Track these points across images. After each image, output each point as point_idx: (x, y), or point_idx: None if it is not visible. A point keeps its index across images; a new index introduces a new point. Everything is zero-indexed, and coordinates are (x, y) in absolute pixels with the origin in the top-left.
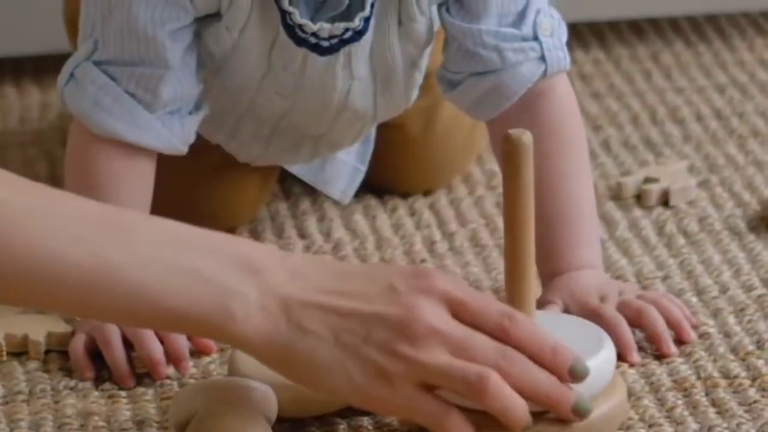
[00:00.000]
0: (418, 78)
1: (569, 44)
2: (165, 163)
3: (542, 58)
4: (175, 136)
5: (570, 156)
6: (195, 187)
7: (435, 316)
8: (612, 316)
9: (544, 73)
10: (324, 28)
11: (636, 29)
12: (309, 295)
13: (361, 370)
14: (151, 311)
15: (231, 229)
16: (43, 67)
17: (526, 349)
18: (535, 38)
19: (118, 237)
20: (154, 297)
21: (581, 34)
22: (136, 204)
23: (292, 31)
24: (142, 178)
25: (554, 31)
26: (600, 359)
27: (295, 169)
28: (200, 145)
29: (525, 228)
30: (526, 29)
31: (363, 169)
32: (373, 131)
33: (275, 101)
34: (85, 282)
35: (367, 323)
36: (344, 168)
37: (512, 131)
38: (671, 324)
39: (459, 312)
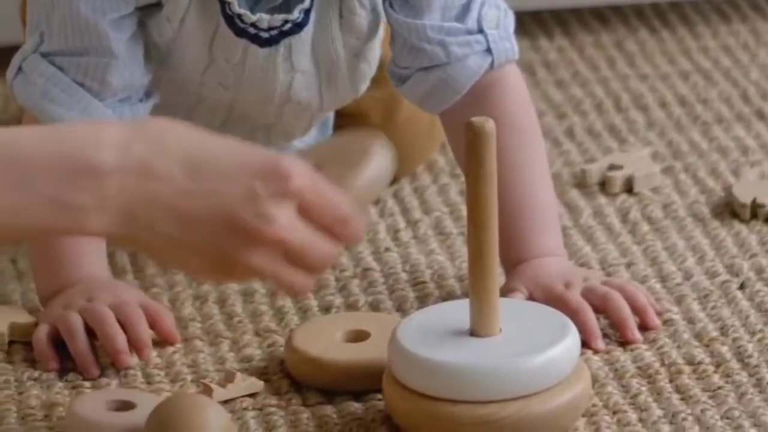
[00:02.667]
0: (366, 69)
1: (533, 32)
2: None
3: (488, 51)
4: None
5: (524, 146)
6: None
7: (288, 229)
8: (577, 303)
9: (491, 65)
10: (263, 18)
11: (600, 16)
12: (156, 196)
13: (204, 265)
14: (9, 233)
15: None
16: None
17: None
18: (480, 31)
19: None
20: (6, 222)
21: (545, 21)
22: None
23: (232, 21)
24: None
25: (500, 22)
26: (564, 347)
27: None
28: None
29: (488, 216)
30: (471, 22)
31: None
32: (331, 117)
33: (220, 92)
34: None
35: (220, 229)
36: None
37: (474, 119)
38: (636, 310)
39: (305, 212)
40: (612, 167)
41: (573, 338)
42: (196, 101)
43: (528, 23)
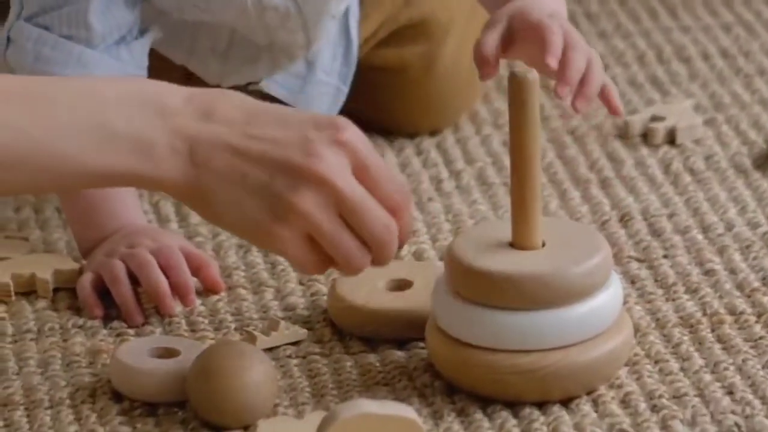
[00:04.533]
0: None
1: None
2: None
3: None
4: (127, 64)
5: None
6: None
7: (338, 172)
8: (551, 23)
9: None
10: None
11: None
12: (217, 136)
13: (257, 210)
14: (76, 176)
15: None
16: None
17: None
18: None
19: (36, 110)
20: (75, 162)
21: None
22: None
23: None
24: None
25: None
26: (608, 295)
27: (277, 90)
28: (162, 80)
29: (531, 165)
30: None
31: (345, 89)
32: (354, 43)
33: (197, 14)
34: (11, 160)
35: (272, 168)
36: (326, 88)
37: (517, 69)
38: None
39: (359, 173)
40: (654, 119)
41: (616, 287)
42: (195, 29)
43: None
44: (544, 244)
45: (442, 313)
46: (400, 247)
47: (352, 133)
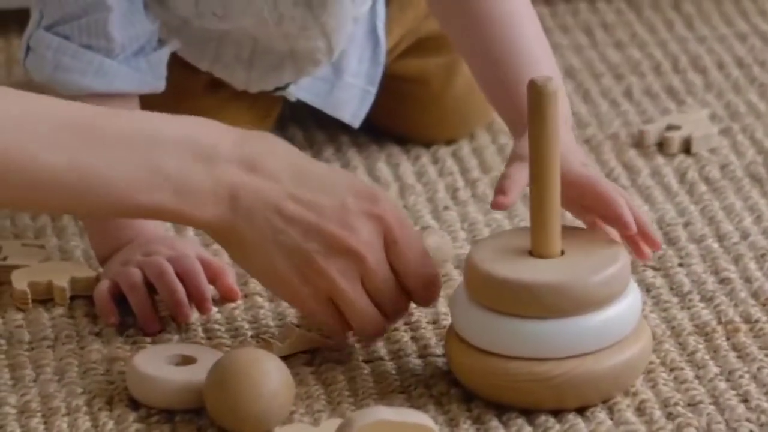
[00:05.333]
0: None
1: None
2: (156, 106)
3: None
4: (145, 74)
5: (512, 20)
6: None
7: (369, 247)
8: (612, 188)
9: None
10: None
11: None
12: (260, 191)
13: (286, 268)
14: (122, 206)
15: None
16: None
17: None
18: None
19: (88, 139)
20: (123, 193)
21: None
22: None
23: None
24: None
25: None
26: (626, 304)
27: (305, 95)
28: (189, 84)
29: (551, 173)
30: None
31: (373, 91)
32: (382, 44)
33: (216, 23)
34: (61, 184)
35: (307, 231)
36: (353, 91)
37: (537, 78)
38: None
39: (389, 246)
40: (670, 128)
41: (635, 294)
42: (218, 37)
43: None
44: (563, 253)
45: (460, 320)
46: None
47: (388, 206)
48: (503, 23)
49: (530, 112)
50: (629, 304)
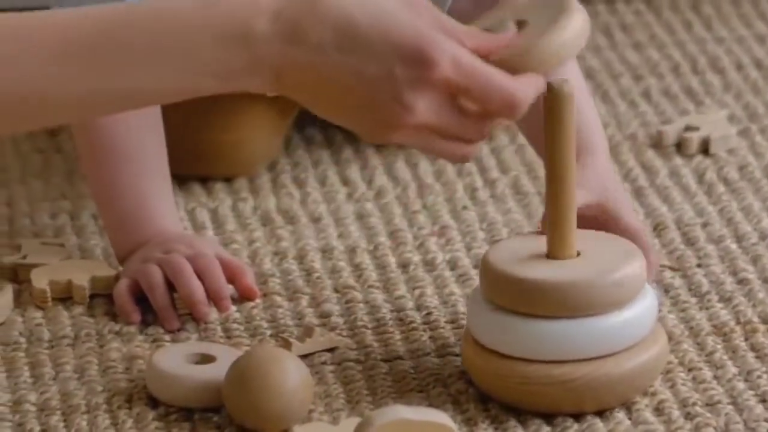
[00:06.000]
0: None
1: None
2: (174, 106)
3: None
4: None
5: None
6: (206, 126)
7: (423, 116)
8: (649, 246)
9: None
10: None
11: None
12: (303, 62)
13: (352, 125)
14: (153, 101)
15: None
16: None
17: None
18: None
19: (109, 50)
20: (157, 100)
21: None
22: (150, 146)
23: None
24: (148, 116)
25: None
26: (641, 307)
27: None
28: None
29: (566, 175)
30: None
31: None
32: None
33: None
34: (83, 103)
35: (356, 102)
36: None
37: (553, 80)
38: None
39: (461, 96)
40: (688, 128)
41: (651, 298)
42: None
43: None
44: (578, 254)
45: (476, 323)
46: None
47: (444, 66)
48: None
49: (547, 114)
50: (645, 306)
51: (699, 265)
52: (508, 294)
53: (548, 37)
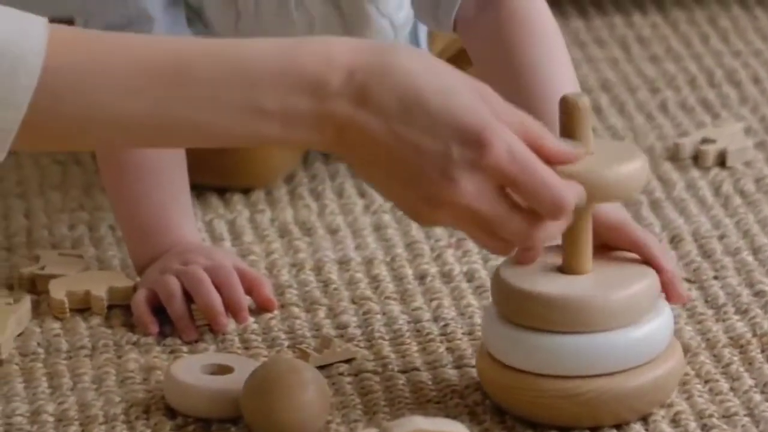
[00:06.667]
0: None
1: (627, 8)
2: None
3: None
4: None
5: (542, 44)
6: None
7: (469, 196)
8: (648, 238)
9: None
10: None
11: None
12: (366, 125)
13: (395, 198)
14: (218, 142)
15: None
16: None
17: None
18: None
19: (178, 84)
20: (218, 133)
21: None
22: (169, 157)
23: None
24: None
25: None
26: (656, 324)
27: None
28: None
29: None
30: None
31: None
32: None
33: None
34: (149, 132)
35: (405, 174)
36: None
37: (568, 94)
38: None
39: (510, 188)
40: (705, 141)
41: (667, 313)
42: None
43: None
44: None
45: (490, 337)
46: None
47: (497, 151)
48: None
49: (563, 128)
50: (660, 323)
51: (716, 277)
52: (519, 309)
53: (612, 170)
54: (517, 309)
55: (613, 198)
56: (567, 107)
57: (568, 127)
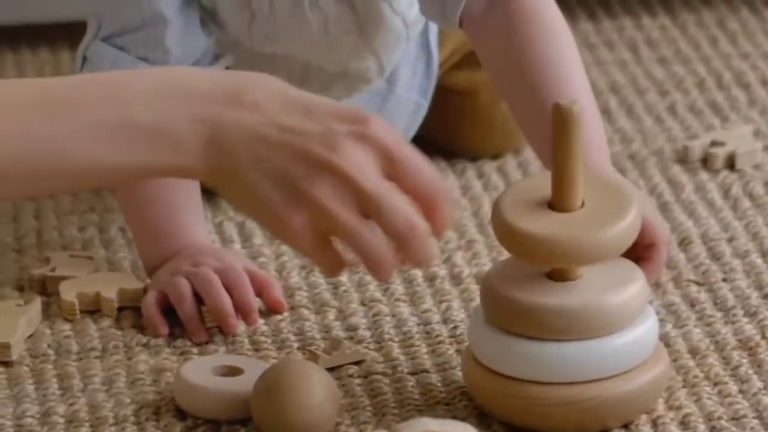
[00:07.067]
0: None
1: (636, 10)
2: None
3: None
4: None
5: (552, 40)
6: None
7: (358, 166)
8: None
9: None
10: None
11: None
12: (242, 122)
13: (272, 196)
14: (100, 176)
15: None
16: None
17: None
18: None
19: (53, 118)
20: (99, 166)
21: (648, 0)
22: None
23: None
24: None
25: None
26: (642, 329)
27: None
28: None
29: (572, 195)
30: None
31: (425, 104)
32: (434, 57)
33: (268, 46)
34: (33, 172)
35: (290, 157)
36: (406, 104)
37: (561, 101)
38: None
39: (389, 167)
40: (714, 144)
41: (652, 319)
42: (270, 58)
43: (631, 2)
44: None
45: (476, 343)
46: (438, 236)
47: (379, 126)
48: (545, 66)
49: (555, 136)
50: (646, 328)
51: (724, 280)
52: (505, 315)
53: (599, 233)
54: (504, 315)
55: (602, 260)
56: (560, 114)
57: (561, 134)
